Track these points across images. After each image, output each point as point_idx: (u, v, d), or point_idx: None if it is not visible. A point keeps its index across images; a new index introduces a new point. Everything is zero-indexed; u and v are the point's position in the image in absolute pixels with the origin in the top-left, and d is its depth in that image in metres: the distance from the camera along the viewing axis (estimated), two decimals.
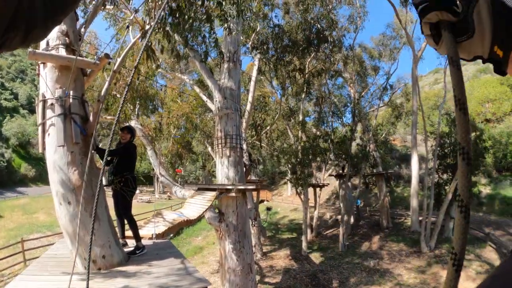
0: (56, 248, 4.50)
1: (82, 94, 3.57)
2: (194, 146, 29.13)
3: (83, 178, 3.29)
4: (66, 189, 3.22)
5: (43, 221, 20.10)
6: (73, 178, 3.23)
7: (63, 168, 3.23)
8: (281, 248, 20.78)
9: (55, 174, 3.26)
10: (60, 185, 3.24)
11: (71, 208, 3.23)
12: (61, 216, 3.30)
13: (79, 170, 3.30)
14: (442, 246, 17.71)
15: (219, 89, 10.07)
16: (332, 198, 38.42)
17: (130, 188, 4.33)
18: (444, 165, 19.78)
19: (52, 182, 3.33)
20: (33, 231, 18.01)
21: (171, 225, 5.79)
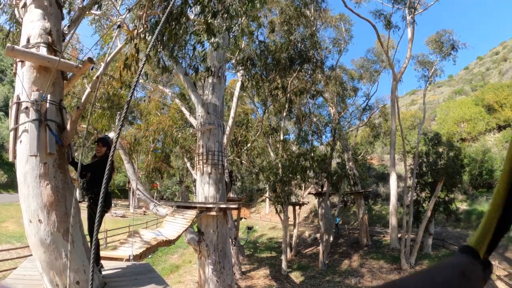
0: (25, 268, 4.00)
1: (61, 100, 3.23)
2: (172, 161, 28.47)
3: (57, 193, 2.94)
4: (36, 205, 2.85)
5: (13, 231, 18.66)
6: (45, 193, 2.86)
7: (34, 181, 2.86)
8: (260, 267, 20.26)
9: (26, 187, 2.89)
10: (30, 200, 2.87)
11: (42, 227, 2.85)
12: (30, 234, 2.92)
13: (52, 185, 2.94)
14: (422, 262, 17.94)
15: (203, 103, 9.86)
16: (310, 216, 38.34)
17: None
18: (422, 183, 20.16)
19: (22, 196, 2.95)
20: (1, 241, 16.66)
21: (149, 245, 5.37)
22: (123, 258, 4.60)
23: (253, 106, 25.12)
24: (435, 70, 22.79)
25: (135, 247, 5.02)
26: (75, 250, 2.97)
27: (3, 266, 13.12)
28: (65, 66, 3.15)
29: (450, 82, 68.81)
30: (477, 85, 53.68)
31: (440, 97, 57.45)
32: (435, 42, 22.16)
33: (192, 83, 10.60)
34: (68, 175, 3.16)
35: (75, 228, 3.04)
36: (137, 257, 4.78)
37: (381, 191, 35.24)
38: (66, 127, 3.18)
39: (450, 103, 41.89)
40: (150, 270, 4.17)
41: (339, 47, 24.38)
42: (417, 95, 71.49)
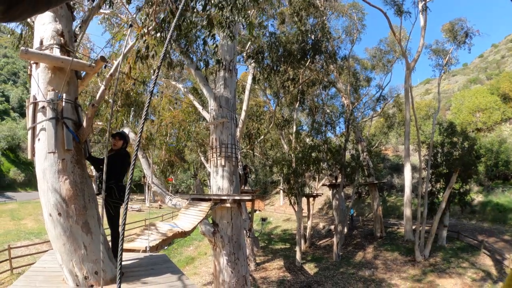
0: (45, 260, 4.19)
1: (76, 98, 3.35)
2: (186, 155, 28.82)
3: (75, 187, 3.07)
4: (56, 199, 2.98)
5: (31, 228, 19.43)
6: (64, 188, 2.99)
7: (53, 176, 3.00)
8: (275, 259, 20.46)
9: (45, 183, 3.02)
10: (49, 194, 3.00)
11: (62, 220, 2.98)
12: (50, 228, 3.05)
13: (70, 179, 3.05)
14: (436, 255, 17.71)
15: (215, 97, 9.94)
16: (324, 207, 38.26)
17: (114, 199, 4.01)
18: (436, 174, 19.80)
19: (41, 191, 3.08)
20: (21, 238, 17.38)
21: (165, 237, 5.52)
22: (139, 250, 4.75)
23: (265, 98, 25.07)
24: (450, 58, 22.25)
25: (151, 239, 5.18)
26: (93, 242, 3.11)
27: (23, 261, 13.69)
28: (79, 65, 3.26)
29: (464, 70, 66.65)
30: (492, 74, 51.98)
31: (455, 86, 55.86)
32: (448, 31, 21.68)
33: (204, 77, 10.69)
34: (85, 170, 3.29)
35: (93, 220, 3.18)
36: (153, 248, 4.94)
37: (395, 182, 34.80)
38: (82, 124, 3.30)
39: (465, 92, 40.75)
40: (166, 260, 4.30)
41: (352, 37, 24.05)
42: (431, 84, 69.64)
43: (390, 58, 26.98)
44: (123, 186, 4.13)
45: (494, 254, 16.30)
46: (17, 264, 13.30)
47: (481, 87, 40.82)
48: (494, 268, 15.18)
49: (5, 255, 13.40)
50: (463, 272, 15.22)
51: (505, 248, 17.14)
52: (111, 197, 3.94)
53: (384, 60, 26.83)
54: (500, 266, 15.23)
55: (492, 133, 30.89)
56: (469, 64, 71.27)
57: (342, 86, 25.04)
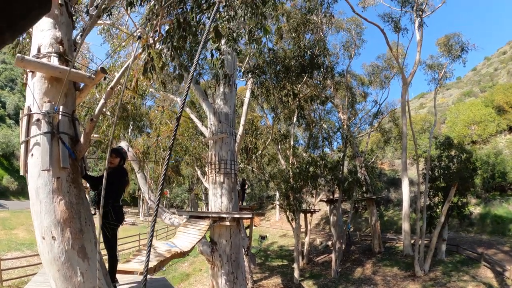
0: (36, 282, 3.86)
1: (73, 111, 3.13)
2: (182, 169, 28.49)
3: (71, 209, 2.82)
4: (50, 222, 2.73)
5: (23, 239, 18.72)
6: (58, 209, 2.74)
7: (47, 196, 2.75)
8: (272, 276, 19.96)
9: (38, 203, 2.77)
10: (43, 216, 2.75)
11: (56, 244, 2.72)
12: (43, 252, 2.77)
13: (66, 200, 2.81)
14: (436, 269, 17.52)
15: (214, 112, 9.77)
16: (321, 223, 37.88)
17: (110, 220, 3.74)
18: (434, 188, 19.76)
19: (34, 212, 2.82)
20: (11, 248, 16.70)
21: (163, 258, 5.22)
22: (137, 272, 4.45)
23: (261, 113, 25.06)
24: (445, 72, 22.61)
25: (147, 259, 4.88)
26: (90, 268, 2.84)
27: (13, 273, 13.11)
28: (77, 76, 3.06)
29: (458, 84, 68.03)
30: (485, 86, 53.10)
31: (449, 100, 56.80)
32: (443, 45, 22.09)
33: (203, 92, 10.56)
34: (82, 189, 3.04)
35: (90, 244, 2.91)
36: (151, 270, 4.64)
37: (392, 196, 34.74)
38: (80, 139, 3.07)
39: (459, 105, 41.42)
40: (167, 285, 4.01)
41: (350, 52, 24.37)
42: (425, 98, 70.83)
43: (387, 74, 27.32)
44: (120, 207, 3.88)
45: (495, 266, 16.27)
46: (8, 276, 12.71)
47: (475, 100, 41.46)
48: (495, 280, 15.08)
49: None
50: (464, 286, 15.12)
51: (505, 260, 17.15)
52: (107, 219, 3.69)
53: (381, 76, 27.17)
54: (501, 278, 15.13)
55: (488, 145, 31.21)
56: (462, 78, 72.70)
57: (339, 102, 25.22)
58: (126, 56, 11.78)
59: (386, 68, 27.17)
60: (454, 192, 17.37)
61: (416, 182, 28.90)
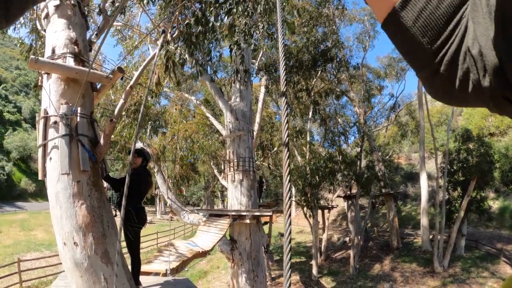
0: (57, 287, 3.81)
1: (91, 112, 3.04)
2: (198, 167, 28.59)
3: (92, 213, 2.74)
4: (71, 227, 2.65)
5: (41, 239, 19.17)
6: (80, 214, 2.66)
7: (67, 201, 2.67)
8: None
9: (58, 208, 2.69)
10: (64, 221, 2.67)
11: (78, 250, 2.64)
12: (65, 258, 2.71)
13: (87, 204, 2.73)
14: (455, 265, 17.16)
15: (231, 110, 9.66)
16: (338, 219, 37.44)
17: (132, 223, 3.63)
18: (453, 182, 19.19)
19: (55, 217, 2.75)
20: (31, 249, 17.11)
21: (185, 258, 5.16)
22: (159, 273, 4.40)
23: (276, 109, 24.86)
24: None
25: (170, 260, 4.82)
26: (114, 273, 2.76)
27: (32, 274, 13.37)
28: (95, 77, 2.98)
29: None
30: None
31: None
32: None
33: (219, 89, 10.47)
34: (103, 192, 2.96)
35: (113, 248, 2.82)
36: (173, 271, 4.58)
37: (409, 191, 34.01)
38: (99, 141, 2.99)
39: None
40: (191, 286, 3.91)
41: (364, 44, 23.88)
42: None
43: (403, 66, 26.63)
44: (142, 209, 3.78)
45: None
46: (27, 277, 12.99)
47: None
48: None
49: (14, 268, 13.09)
50: (484, 282, 14.86)
51: None
52: (129, 221, 3.60)
53: (397, 68, 26.50)
54: None
55: (506, 137, 30.14)
56: None
57: (354, 96, 24.75)
58: (140, 57, 11.82)
59: (402, 60, 26.48)
60: (473, 186, 16.86)
61: (434, 176, 28.27)
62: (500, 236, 21.08)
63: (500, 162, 24.32)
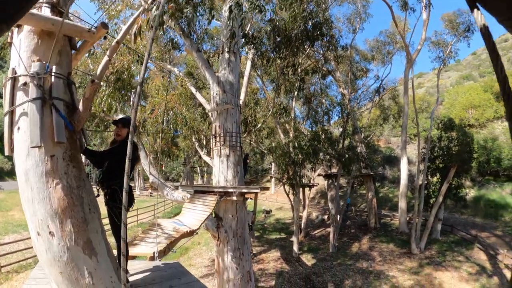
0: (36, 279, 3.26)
1: (69, 73, 2.49)
2: (178, 142, 28.01)
3: (71, 195, 2.26)
4: (45, 213, 2.17)
5: (19, 220, 18.22)
6: (55, 196, 2.17)
7: (39, 180, 2.17)
8: (271, 249, 20.06)
9: (28, 190, 2.20)
10: (36, 206, 2.19)
11: (55, 241, 2.18)
12: (40, 251, 2.24)
13: (63, 184, 2.24)
14: (432, 248, 17.82)
15: (218, 81, 9.13)
16: (317, 197, 38.21)
17: (119, 204, 3.09)
18: (432, 168, 19.77)
19: (25, 201, 2.26)
20: (8, 231, 16.22)
21: (172, 238, 4.81)
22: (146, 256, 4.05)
23: (260, 85, 24.36)
24: (450, 51, 22.24)
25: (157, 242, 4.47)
26: (100, 265, 2.34)
27: (11, 258, 12.64)
28: (75, 30, 2.43)
29: (457, 66, 67.98)
30: (485, 72, 53.25)
31: (448, 82, 56.78)
32: (449, 21, 21.51)
33: (206, 60, 9.84)
34: (82, 169, 2.47)
35: (97, 236, 2.37)
36: (161, 253, 4.24)
37: (388, 173, 34.95)
38: (78, 107, 2.47)
39: (458, 88, 41.71)
40: (183, 271, 3.57)
41: (354, 26, 23.56)
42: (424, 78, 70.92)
43: (390, 50, 26.66)
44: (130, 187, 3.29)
45: (488, 249, 16.61)
46: (6, 261, 12.21)
47: (474, 84, 41.58)
48: (488, 263, 15.36)
49: None
50: (459, 266, 15.37)
51: (497, 244, 17.57)
52: (114, 201, 3.11)
53: (384, 52, 26.51)
54: (494, 261, 15.42)
55: (484, 130, 31.36)
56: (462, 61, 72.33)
57: (340, 76, 24.60)
58: (122, 22, 10.92)
59: (389, 43, 26.45)
60: (453, 173, 17.31)
61: (413, 161, 29.09)
62: (474, 223, 22.07)
63: (478, 153, 25.24)
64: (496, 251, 15.88)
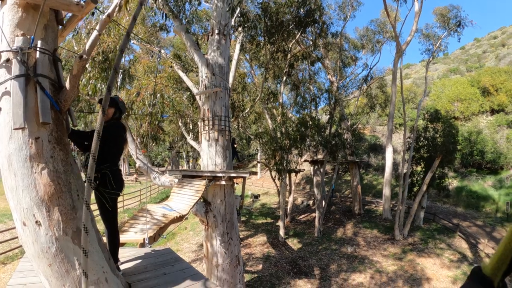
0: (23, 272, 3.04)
1: (55, 49, 2.28)
2: (164, 126, 27.63)
3: (57, 180, 2.10)
4: (30, 201, 2.01)
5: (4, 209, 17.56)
6: (41, 183, 2.02)
7: (23, 166, 2.01)
8: (257, 234, 20.26)
9: (12, 176, 2.02)
10: (20, 194, 2.03)
11: (42, 231, 2.02)
12: (27, 242, 2.08)
13: (49, 169, 2.07)
14: (414, 235, 18.23)
15: (207, 64, 8.89)
16: (302, 182, 38.59)
17: (110, 188, 2.98)
18: (417, 157, 20.21)
19: (9, 190, 2.08)
20: None
21: (161, 224, 4.70)
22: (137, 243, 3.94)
23: (249, 69, 24.08)
24: (440, 45, 22.53)
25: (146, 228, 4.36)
26: (91, 255, 2.20)
27: None
28: (62, 2, 2.20)
29: (445, 60, 69.21)
30: (472, 66, 54.32)
31: (435, 74, 57.77)
32: (441, 15, 21.65)
33: (195, 42, 9.56)
34: (69, 152, 2.29)
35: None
36: (151, 239, 4.14)
37: (372, 161, 35.56)
38: (64, 85, 2.27)
39: (445, 81, 42.42)
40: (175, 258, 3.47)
41: (345, 14, 23.50)
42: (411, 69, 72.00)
43: (379, 39, 26.69)
44: (119, 171, 3.14)
45: (469, 237, 17.10)
46: None
47: (461, 78, 42.29)
48: (469, 251, 15.83)
49: None
50: (441, 253, 15.80)
51: (478, 233, 18.09)
52: (105, 187, 2.96)
53: (373, 41, 26.55)
54: (475, 249, 15.90)
55: (469, 123, 32.14)
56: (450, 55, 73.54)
57: (329, 63, 24.55)
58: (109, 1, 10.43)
59: (379, 33, 26.47)
60: (437, 163, 17.73)
61: (398, 150, 29.66)
62: (456, 212, 22.74)
63: (462, 145, 25.89)
64: (477, 240, 16.38)
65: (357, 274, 14.20)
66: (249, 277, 13.69)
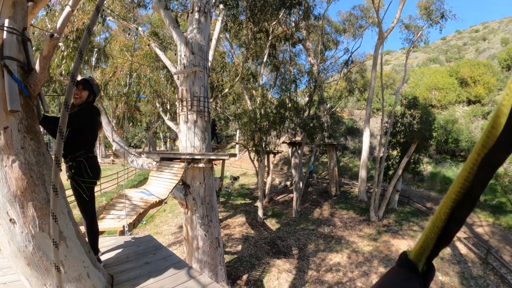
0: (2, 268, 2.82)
1: (24, 29, 2.05)
2: (140, 106, 26.85)
3: (30, 173, 1.94)
4: (2, 198, 1.86)
5: None
6: (12, 177, 1.86)
7: None
8: (236, 214, 20.45)
9: None
10: None
11: (17, 229, 1.88)
12: (2, 242, 1.95)
13: (21, 161, 1.92)
14: (389, 217, 18.96)
15: (186, 42, 8.57)
16: (280, 163, 39.05)
17: (86, 177, 2.81)
18: (394, 142, 20.80)
19: None
20: None
21: (140, 210, 4.59)
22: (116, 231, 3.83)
23: (229, 48, 23.58)
24: (421, 35, 22.84)
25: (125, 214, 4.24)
26: (70, 250, 2.08)
27: None
28: None
29: (425, 49, 70.65)
30: (452, 57, 55.67)
31: (414, 62, 58.89)
32: (424, 8, 22.04)
33: (174, 19, 9.16)
34: (42, 141, 2.12)
35: (64, 217, 2.08)
36: (131, 226, 4.04)
37: (349, 144, 36.35)
38: (34, 67, 2.07)
39: (424, 69, 43.49)
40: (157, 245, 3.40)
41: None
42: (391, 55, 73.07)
43: (362, 24, 26.67)
44: (95, 158, 2.97)
45: None
46: None
47: (440, 68, 43.34)
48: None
49: None
50: (414, 235, 16.53)
51: None
52: (81, 175, 2.79)
53: (356, 25, 26.54)
54: None
55: (445, 112, 33.21)
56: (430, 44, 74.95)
57: (310, 45, 24.41)
58: None
59: (362, 18, 26.43)
60: (413, 149, 18.28)
61: (375, 134, 30.39)
62: (429, 197, 23.78)
63: (437, 132, 26.86)
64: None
65: (334, 254, 14.69)
66: (229, 258, 13.88)
